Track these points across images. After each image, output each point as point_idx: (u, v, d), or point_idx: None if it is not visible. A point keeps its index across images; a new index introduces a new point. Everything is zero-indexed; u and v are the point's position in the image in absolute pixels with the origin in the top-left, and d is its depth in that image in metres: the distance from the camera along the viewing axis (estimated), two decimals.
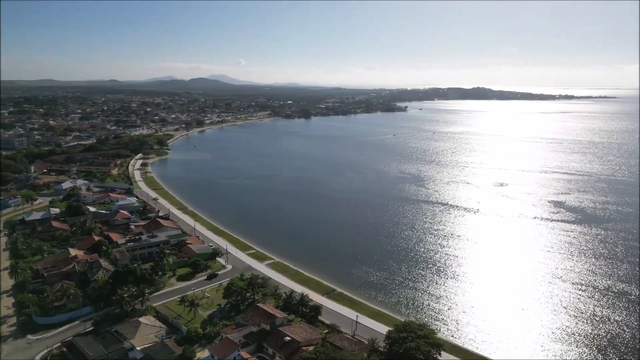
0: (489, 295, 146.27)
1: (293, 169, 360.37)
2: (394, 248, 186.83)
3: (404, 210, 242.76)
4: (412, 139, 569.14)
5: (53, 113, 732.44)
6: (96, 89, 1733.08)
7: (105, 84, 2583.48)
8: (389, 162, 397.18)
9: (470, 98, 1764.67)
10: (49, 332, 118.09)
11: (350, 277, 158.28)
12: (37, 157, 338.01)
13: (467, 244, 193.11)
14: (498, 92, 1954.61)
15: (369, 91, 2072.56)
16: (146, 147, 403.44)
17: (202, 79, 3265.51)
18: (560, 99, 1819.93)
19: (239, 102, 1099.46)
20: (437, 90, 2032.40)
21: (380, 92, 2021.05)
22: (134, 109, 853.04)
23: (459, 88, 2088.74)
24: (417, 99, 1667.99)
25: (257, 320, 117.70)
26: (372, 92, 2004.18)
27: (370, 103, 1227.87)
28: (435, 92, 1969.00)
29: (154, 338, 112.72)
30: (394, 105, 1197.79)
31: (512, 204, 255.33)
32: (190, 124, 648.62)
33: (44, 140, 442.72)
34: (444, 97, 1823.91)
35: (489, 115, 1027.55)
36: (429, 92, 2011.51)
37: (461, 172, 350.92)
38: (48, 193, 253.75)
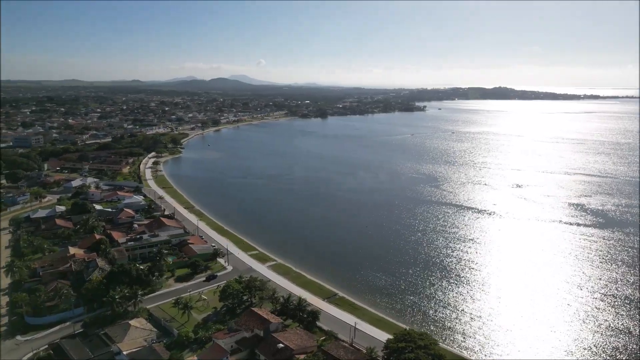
0: (500, 304, 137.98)
1: (305, 168, 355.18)
2: (401, 251, 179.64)
3: (415, 211, 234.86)
4: (430, 139, 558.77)
5: (73, 112, 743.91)
6: (119, 89, 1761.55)
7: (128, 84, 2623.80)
8: (404, 162, 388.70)
9: (492, 98, 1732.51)
10: (39, 333, 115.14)
11: (354, 281, 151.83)
12: (51, 155, 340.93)
13: (480, 248, 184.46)
14: (520, 92, 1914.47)
15: (388, 91, 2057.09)
16: (159, 146, 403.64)
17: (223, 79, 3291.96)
18: (585, 98, 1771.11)
19: (256, 102, 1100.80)
20: (458, 90, 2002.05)
21: (399, 92, 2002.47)
22: (153, 108, 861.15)
23: (480, 88, 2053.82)
24: (436, 99, 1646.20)
25: (251, 325, 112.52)
26: (391, 92, 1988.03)
27: (388, 103, 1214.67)
28: (456, 92, 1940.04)
29: (143, 342, 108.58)
30: (413, 104, 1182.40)
31: (529, 206, 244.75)
32: (206, 123, 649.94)
33: (61, 138, 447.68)
34: (465, 96, 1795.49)
35: (511, 115, 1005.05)
36: (449, 91, 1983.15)
37: (478, 173, 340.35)
38: (58, 191, 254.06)
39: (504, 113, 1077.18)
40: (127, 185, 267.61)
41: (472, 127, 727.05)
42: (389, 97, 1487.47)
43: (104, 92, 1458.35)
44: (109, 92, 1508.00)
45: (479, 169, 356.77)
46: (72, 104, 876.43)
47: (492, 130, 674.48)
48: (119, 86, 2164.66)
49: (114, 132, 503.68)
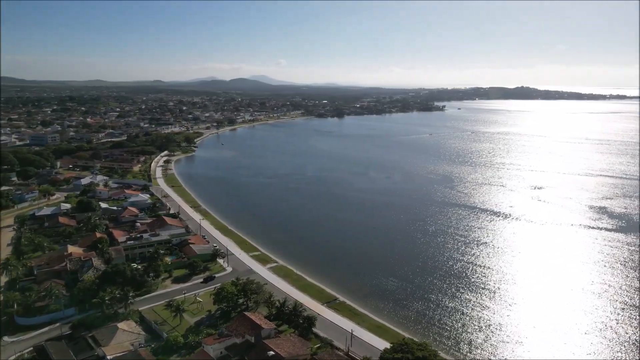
0: (512, 313, 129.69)
1: (316, 168, 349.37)
2: (409, 254, 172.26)
3: (427, 213, 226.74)
4: (448, 139, 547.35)
5: (93, 111, 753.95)
6: (140, 89, 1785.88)
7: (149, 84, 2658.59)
8: (419, 162, 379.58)
9: (514, 98, 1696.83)
10: (26, 334, 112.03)
11: (356, 285, 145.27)
12: (65, 153, 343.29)
13: (492, 252, 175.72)
14: (543, 92, 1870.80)
15: (408, 91, 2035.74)
16: (172, 145, 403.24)
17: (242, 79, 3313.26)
18: (611, 98, 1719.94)
19: (273, 102, 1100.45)
20: (479, 90, 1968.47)
21: (419, 91, 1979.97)
22: (171, 107, 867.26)
23: (502, 87, 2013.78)
24: (456, 99, 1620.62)
25: (242, 331, 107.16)
26: (410, 91, 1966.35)
27: (406, 102, 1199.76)
28: (477, 92, 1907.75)
29: (129, 346, 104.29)
30: (431, 104, 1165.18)
31: (547, 209, 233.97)
32: (222, 123, 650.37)
33: (77, 137, 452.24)
34: (486, 96, 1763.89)
35: (533, 115, 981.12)
36: (469, 91, 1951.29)
37: (496, 174, 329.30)
38: (67, 188, 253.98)
39: (526, 113, 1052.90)
40: (136, 183, 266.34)
41: (492, 127, 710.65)
42: (407, 97, 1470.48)
43: (126, 92, 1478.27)
44: (131, 92, 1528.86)
45: (496, 170, 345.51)
46: (93, 103, 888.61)
47: (512, 130, 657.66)
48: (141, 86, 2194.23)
49: (130, 131, 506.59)
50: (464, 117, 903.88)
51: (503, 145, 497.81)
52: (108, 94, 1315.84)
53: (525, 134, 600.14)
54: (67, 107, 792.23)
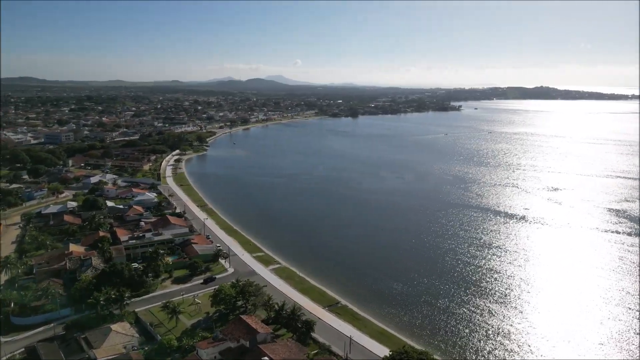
0: (523, 321, 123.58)
1: (327, 167, 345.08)
2: (417, 257, 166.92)
3: (437, 214, 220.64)
4: (464, 139, 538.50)
5: (109, 110, 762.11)
6: (158, 89, 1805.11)
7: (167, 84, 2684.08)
8: (433, 162, 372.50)
9: (533, 98, 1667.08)
10: (21, 335, 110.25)
11: (360, 288, 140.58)
12: (77, 152, 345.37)
13: (504, 256, 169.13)
14: (564, 92, 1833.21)
15: (425, 90, 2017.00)
16: (184, 144, 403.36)
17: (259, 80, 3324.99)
18: (633, 98, 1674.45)
19: (288, 102, 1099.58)
20: (496, 90, 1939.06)
21: (435, 91, 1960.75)
22: (186, 107, 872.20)
23: (520, 87, 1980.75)
24: (473, 99, 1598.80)
25: (237, 335, 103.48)
26: (427, 91, 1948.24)
27: (422, 102, 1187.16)
28: (494, 92, 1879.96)
29: (121, 348, 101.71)
30: (447, 104, 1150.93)
31: (564, 212, 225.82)
32: (235, 122, 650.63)
33: (91, 135, 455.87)
34: (504, 96, 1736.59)
35: (552, 116, 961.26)
36: (487, 91, 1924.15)
37: (511, 175, 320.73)
38: (76, 187, 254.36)
39: (545, 113, 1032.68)
40: (144, 182, 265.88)
41: (509, 127, 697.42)
42: (423, 97, 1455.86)
43: (144, 92, 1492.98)
44: (149, 92, 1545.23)
45: (512, 171, 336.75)
46: (109, 102, 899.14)
47: (530, 130, 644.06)
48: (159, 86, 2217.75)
49: (143, 130, 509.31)
50: (481, 117, 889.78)
51: (520, 145, 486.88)
52: (126, 94, 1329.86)
53: (543, 135, 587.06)
54: (85, 107, 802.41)
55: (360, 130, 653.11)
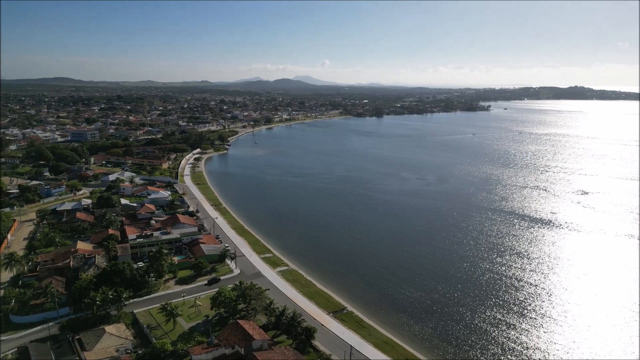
0: (543, 335, 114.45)
1: (346, 168, 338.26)
2: (432, 262, 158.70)
3: (458, 217, 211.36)
4: (492, 139, 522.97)
5: (137, 110, 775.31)
6: (187, 89, 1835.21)
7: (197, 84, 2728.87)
8: (457, 163, 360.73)
9: (566, 98, 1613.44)
10: (17, 333, 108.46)
11: (368, 294, 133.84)
12: (100, 150, 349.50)
13: (527, 263, 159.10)
14: (599, 92, 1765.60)
15: (453, 90, 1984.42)
16: (205, 143, 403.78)
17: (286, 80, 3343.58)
18: None
19: (313, 101, 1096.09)
20: (528, 90, 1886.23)
21: (464, 91, 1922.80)
22: (212, 106, 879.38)
23: (553, 87, 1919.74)
24: (503, 99, 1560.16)
25: (233, 340, 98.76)
26: (456, 91, 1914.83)
27: (450, 102, 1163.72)
28: (526, 92, 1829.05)
29: (113, 352, 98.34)
30: (476, 104, 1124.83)
31: (593, 216, 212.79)
32: (259, 121, 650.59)
33: (116, 134, 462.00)
34: (535, 96, 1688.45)
35: (586, 116, 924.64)
36: (518, 91, 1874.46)
37: (539, 177, 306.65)
38: (94, 184, 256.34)
39: (578, 113, 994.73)
40: (161, 180, 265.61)
41: (540, 128, 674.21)
42: (451, 97, 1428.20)
43: (172, 92, 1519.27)
44: (177, 92, 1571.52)
45: (540, 173, 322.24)
46: (137, 102, 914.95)
47: (562, 131, 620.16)
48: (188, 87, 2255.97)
49: (167, 129, 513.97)
50: (510, 117, 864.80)
51: (550, 147, 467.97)
52: (156, 94, 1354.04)
53: (575, 136, 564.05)
54: (114, 106, 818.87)
55: (384, 130, 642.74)
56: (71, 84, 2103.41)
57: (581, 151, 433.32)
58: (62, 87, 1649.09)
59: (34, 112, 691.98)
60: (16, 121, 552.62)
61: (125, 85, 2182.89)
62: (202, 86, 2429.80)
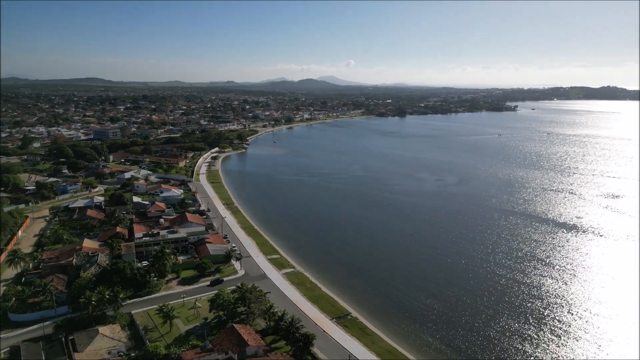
0: (562, 350, 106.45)
1: (363, 168, 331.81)
2: (447, 267, 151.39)
3: (476, 220, 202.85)
4: (518, 140, 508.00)
5: (161, 109, 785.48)
6: (212, 89, 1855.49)
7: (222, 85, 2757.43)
8: (479, 164, 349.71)
9: (598, 98, 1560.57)
10: (13, 332, 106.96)
11: (375, 300, 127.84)
12: (120, 148, 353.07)
13: (547, 270, 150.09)
14: (633, 92, 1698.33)
15: (480, 91, 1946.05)
16: (224, 142, 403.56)
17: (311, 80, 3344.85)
18: None
19: (336, 101, 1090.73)
20: (558, 90, 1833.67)
21: (491, 91, 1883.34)
22: (234, 106, 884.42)
23: (584, 87, 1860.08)
24: (532, 99, 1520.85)
25: (226, 346, 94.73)
26: (482, 91, 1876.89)
27: (475, 102, 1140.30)
28: (555, 92, 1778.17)
29: (105, 354, 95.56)
30: (502, 104, 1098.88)
31: (622, 221, 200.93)
32: (280, 121, 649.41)
33: (137, 132, 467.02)
34: (565, 96, 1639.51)
35: (619, 117, 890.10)
36: (547, 91, 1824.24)
37: (565, 180, 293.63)
38: (110, 181, 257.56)
39: (610, 114, 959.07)
40: (175, 178, 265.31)
41: (569, 128, 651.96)
42: (477, 97, 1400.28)
43: (198, 92, 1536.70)
44: (203, 92, 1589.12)
45: (567, 175, 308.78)
46: (162, 101, 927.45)
47: (592, 132, 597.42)
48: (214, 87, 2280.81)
49: (188, 128, 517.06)
50: (538, 118, 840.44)
51: (579, 148, 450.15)
52: (181, 94, 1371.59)
53: (606, 137, 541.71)
54: (139, 105, 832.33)
55: (406, 130, 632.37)
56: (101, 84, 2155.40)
57: (612, 153, 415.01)
58: (92, 87, 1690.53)
59: (62, 111, 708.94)
60: (43, 119, 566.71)
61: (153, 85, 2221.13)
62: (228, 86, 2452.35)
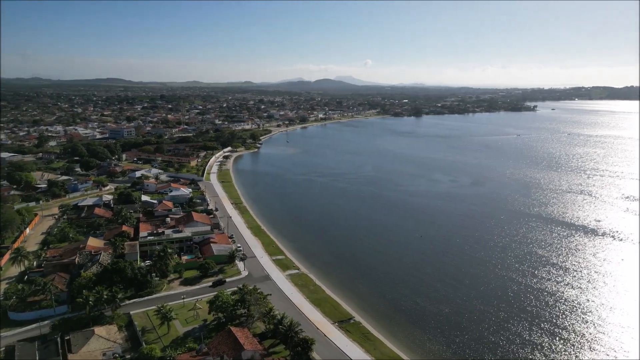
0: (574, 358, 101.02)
1: (375, 168, 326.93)
2: (457, 271, 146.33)
3: (490, 222, 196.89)
4: (537, 141, 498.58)
5: (177, 109, 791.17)
6: (230, 90, 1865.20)
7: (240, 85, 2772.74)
8: (496, 164, 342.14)
9: (621, 98, 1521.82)
10: (11, 331, 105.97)
11: (380, 303, 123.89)
12: (133, 146, 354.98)
13: (563, 276, 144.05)
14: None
15: (499, 91, 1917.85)
16: (237, 141, 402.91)
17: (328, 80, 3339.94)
18: None
19: (352, 101, 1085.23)
20: (579, 90, 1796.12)
21: (511, 91, 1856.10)
22: (250, 106, 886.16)
23: (607, 87, 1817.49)
24: (552, 99, 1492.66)
25: (222, 349, 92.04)
26: (501, 91, 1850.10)
27: (493, 102, 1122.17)
28: (577, 92, 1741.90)
29: (99, 355, 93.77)
30: (521, 104, 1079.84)
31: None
32: (294, 121, 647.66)
33: (152, 131, 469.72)
34: (587, 96, 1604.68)
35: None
36: (568, 91, 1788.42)
37: (585, 182, 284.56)
38: (121, 180, 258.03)
39: (634, 114, 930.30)
40: (186, 177, 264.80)
41: (591, 129, 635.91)
42: (496, 97, 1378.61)
43: (215, 92, 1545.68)
44: (220, 92, 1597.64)
45: (587, 177, 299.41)
46: (179, 101, 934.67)
47: (615, 133, 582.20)
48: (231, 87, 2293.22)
49: (203, 127, 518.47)
50: (559, 118, 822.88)
51: (600, 149, 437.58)
52: (199, 94, 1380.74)
53: (629, 138, 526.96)
54: (156, 105, 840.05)
55: (421, 130, 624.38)
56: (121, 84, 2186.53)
57: (634, 154, 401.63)
58: (112, 87, 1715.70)
59: (81, 110, 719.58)
60: (62, 119, 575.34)
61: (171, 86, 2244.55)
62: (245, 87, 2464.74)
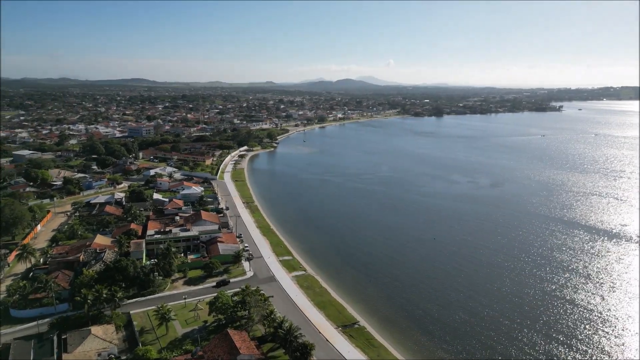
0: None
1: (391, 168, 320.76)
2: (470, 276, 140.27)
3: (507, 225, 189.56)
4: (562, 141, 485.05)
5: (197, 108, 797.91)
6: (251, 90, 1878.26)
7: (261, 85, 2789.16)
8: (517, 165, 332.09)
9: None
10: (11, 328, 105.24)
11: (386, 308, 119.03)
12: (150, 145, 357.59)
13: (584, 283, 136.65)
14: None
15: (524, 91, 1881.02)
16: (253, 140, 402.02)
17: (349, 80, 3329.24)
18: None
19: (372, 101, 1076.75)
20: (608, 90, 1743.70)
21: (536, 91, 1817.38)
22: (269, 106, 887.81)
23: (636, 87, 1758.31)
24: (579, 99, 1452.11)
25: (218, 353, 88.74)
26: (526, 91, 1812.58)
27: (517, 102, 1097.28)
28: (605, 92, 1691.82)
29: (94, 355, 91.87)
30: (546, 104, 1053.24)
31: None
32: (312, 120, 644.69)
33: (171, 130, 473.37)
34: (616, 96, 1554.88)
35: None
36: (596, 91, 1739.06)
37: (611, 184, 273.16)
38: (137, 178, 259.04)
39: None
40: (199, 175, 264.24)
41: (619, 130, 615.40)
42: (520, 97, 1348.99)
43: (237, 92, 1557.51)
44: (242, 92, 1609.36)
45: (614, 179, 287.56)
46: (199, 101, 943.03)
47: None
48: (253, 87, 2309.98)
49: (221, 126, 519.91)
50: (585, 119, 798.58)
51: (628, 150, 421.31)
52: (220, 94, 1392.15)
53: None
54: (177, 104, 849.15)
55: (441, 130, 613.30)
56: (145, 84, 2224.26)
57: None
58: (137, 87, 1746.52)
59: (104, 109, 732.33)
60: (84, 118, 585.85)
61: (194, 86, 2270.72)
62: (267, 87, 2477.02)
